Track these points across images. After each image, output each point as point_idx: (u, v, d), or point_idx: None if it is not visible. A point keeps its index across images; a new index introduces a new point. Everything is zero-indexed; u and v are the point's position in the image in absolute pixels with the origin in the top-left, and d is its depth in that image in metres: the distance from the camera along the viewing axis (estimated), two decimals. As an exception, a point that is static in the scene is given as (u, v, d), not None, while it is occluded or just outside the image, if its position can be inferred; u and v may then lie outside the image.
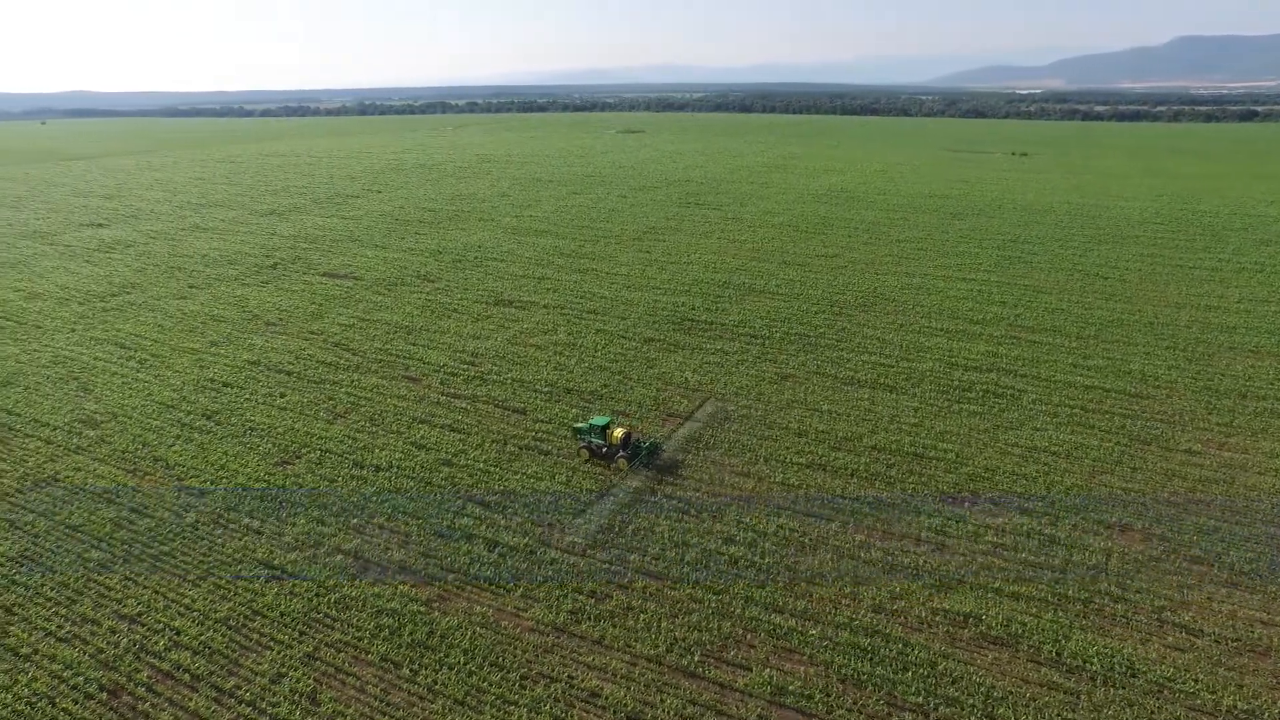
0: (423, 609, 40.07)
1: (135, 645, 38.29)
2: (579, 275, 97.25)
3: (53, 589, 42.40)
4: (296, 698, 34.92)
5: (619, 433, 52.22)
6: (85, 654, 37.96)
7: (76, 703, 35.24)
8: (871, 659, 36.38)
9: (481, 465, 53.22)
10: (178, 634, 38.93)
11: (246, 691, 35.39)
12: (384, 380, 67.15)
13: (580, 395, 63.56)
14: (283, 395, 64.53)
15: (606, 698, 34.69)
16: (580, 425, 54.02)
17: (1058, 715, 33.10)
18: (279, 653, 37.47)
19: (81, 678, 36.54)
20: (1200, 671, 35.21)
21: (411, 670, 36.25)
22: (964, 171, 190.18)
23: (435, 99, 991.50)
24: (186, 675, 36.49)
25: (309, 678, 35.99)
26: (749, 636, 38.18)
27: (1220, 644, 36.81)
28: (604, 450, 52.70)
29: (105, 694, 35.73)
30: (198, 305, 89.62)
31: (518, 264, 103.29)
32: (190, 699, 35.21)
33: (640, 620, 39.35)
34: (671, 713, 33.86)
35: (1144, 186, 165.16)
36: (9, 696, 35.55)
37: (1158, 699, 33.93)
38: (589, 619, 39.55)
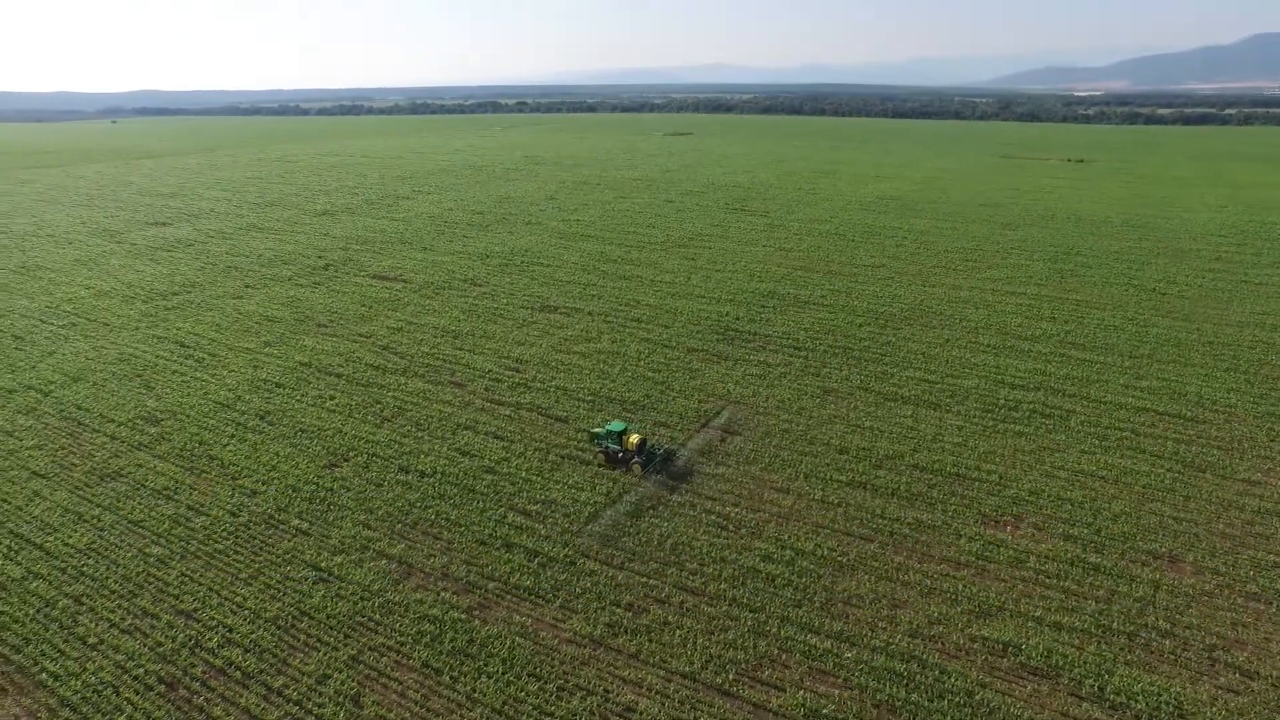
0: (463, 616, 41.00)
1: (191, 640, 39.93)
2: (624, 282, 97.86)
3: (116, 582, 44.39)
4: (341, 699, 36.07)
5: (634, 439, 53.60)
6: (145, 646, 39.72)
7: (138, 694, 36.93)
8: (907, 685, 36.19)
9: (524, 474, 54.08)
10: (230, 631, 40.48)
11: (294, 691, 36.68)
12: (430, 385, 68.56)
13: (622, 405, 64.10)
14: (332, 398, 66.33)
15: (641, 713, 35.14)
16: (597, 430, 55.53)
17: (1098, 752, 32.60)
18: (325, 654, 38.71)
19: (142, 669, 38.29)
20: (1255, 717, 34.26)
21: (452, 677, 37.14)
22: (1017, 178, 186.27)
23: (486, 98, 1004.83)
24: (238, 672, 37.95)
25: (353, 680, 37.14)
26: (784, 656, 38.27)
27: (1278, 688, 35.73)
28: (619, 455, 54.24)
29: (163, 686, 37.38)
30: (253, 305, 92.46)
31: (563, 269, 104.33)
32: (241, 695, 36.62)
33: (676, 636, 39.70)
34: (705, 731, 34.17)
35: (1208, 196, 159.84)
36: (78, 684, 37.42)
37: (1204, 740, 33.18)
38: (626, 633, 40.03)
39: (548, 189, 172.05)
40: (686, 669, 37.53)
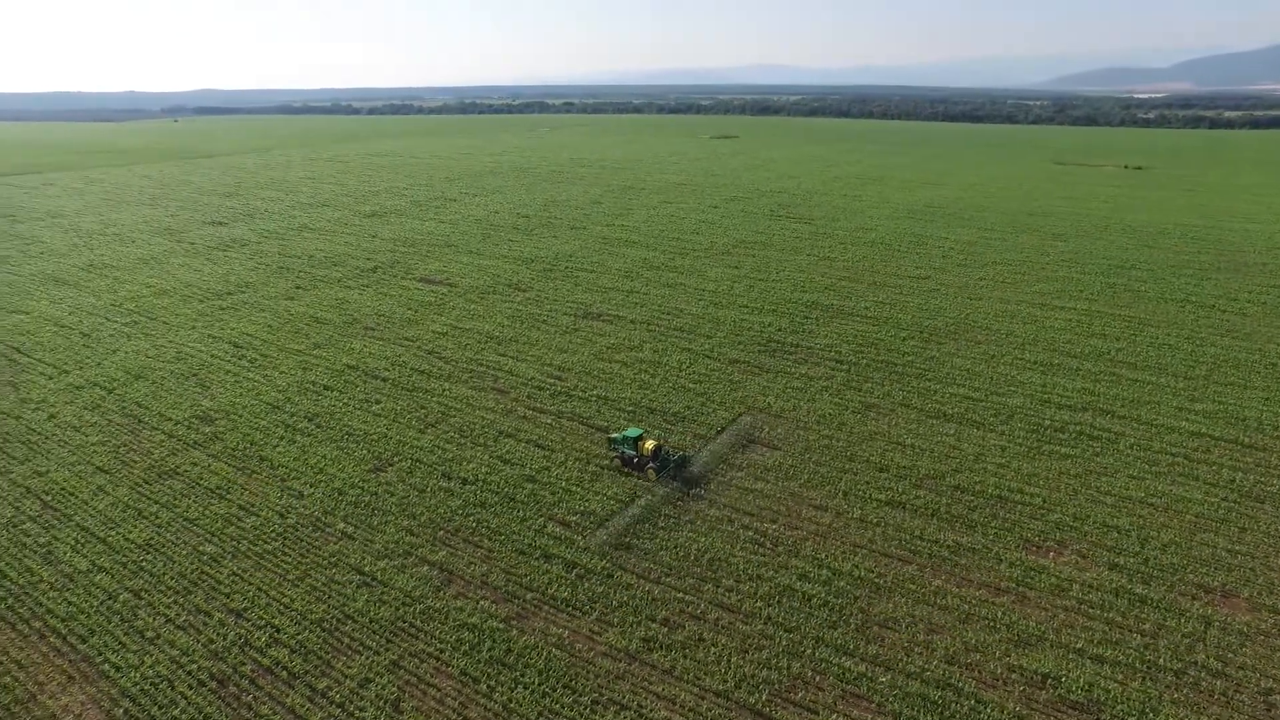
0: (501, 626, 41.76)
1: (241, 639, 41.37)
2: (667, 290, 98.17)
3: (172, 578, 46.17)
4: (381, 704, 37.05)
5: (650, 444, 55.31)
6: (198, 643, 41.28)
7: (191, 689, 38.43)
8: (942, 713, 35.89)
9: (563, 484, 54.74)
10: (277, 631, 41.83)
11: (337, 693, 37.78)
12: (473, 391, 69.71)
13: (663, 416, 64.45)
14: (378, 402, 67.88)
15: (674, 731, 35.41)
16: (615, 436, 57.25)
17: (1140, 793, 31.97)
18: (367, 658, 39.78)
19: (195, 665, 39.83)
20: (1303, 760, 33.29)
21: (489, 686, 37.89)
22: (1070, 186, 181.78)
23: (533, 98, 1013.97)
24: (284, 672, 39.22)
25: (393, 685, 38.12)
26: (818, 679, 38.22)
27: (1328, 731, 34.65)
28: (635, 460, 55.88)
29: (215, 683, 38.83)
30: (303, 306, 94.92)
31: (607, 276, 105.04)
32: (287, 695, 37.85)
33: (711, 653, 39.91)
34: (737, 752, 34.33)
35: (1276, 206, 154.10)
36: (136, 676, 39.11)
37: (1252, 785, 32.31)
38: (661, 648, 40.37)
39: (593, 193, 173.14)
40: (720, 687, 37.72)
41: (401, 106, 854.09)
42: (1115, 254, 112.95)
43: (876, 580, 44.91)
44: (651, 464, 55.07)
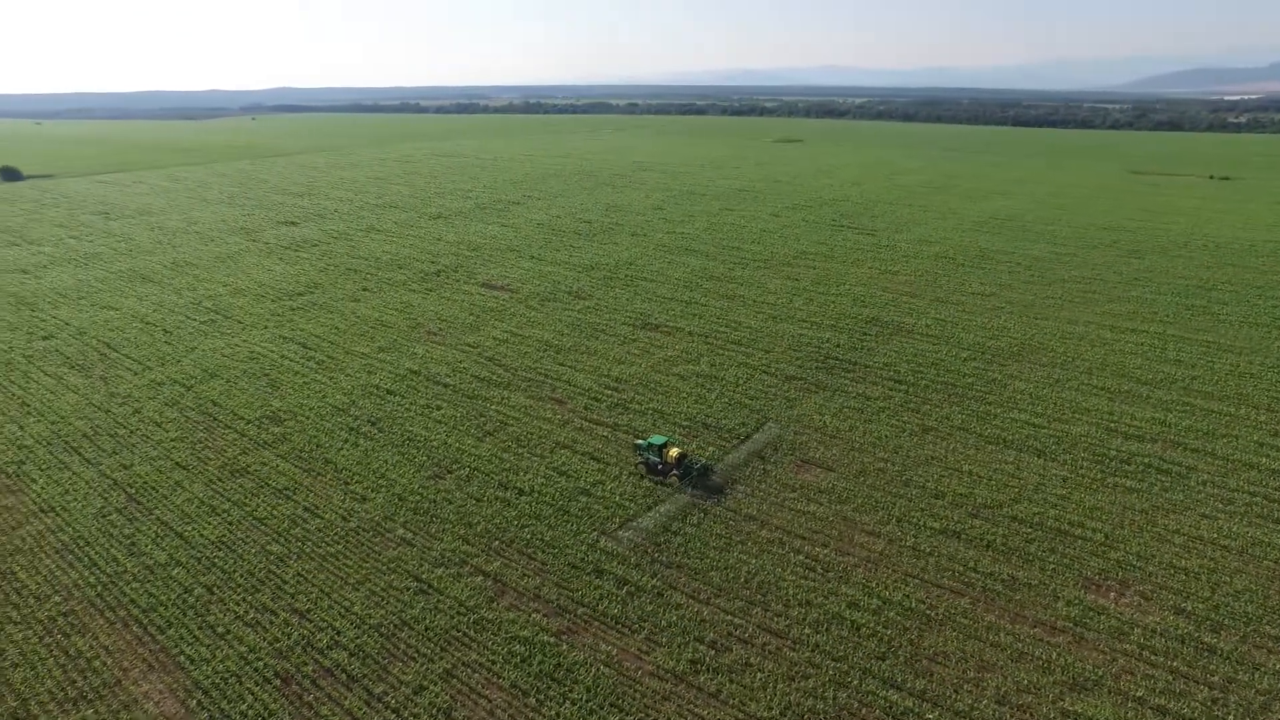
0: (552, 639, 42.58)
1: (304, 639, 43.10)
2: (726, 301, 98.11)
3: (241, 576, 48.32)
4: (434, 712, 38.20)
5: (674, 452, 57.27)
6: (264, 641, 43.15)
7: (258, 685, 40.23)
8: (994, 756, 35.29)
9: (617, 499, 55.39)
10: (338, 634, 43.45)
11: (392, 699, 39.10)
12: (531, 400, 70.95)
13: (717, 433, 64.59)
14: (439, 408, 69.64)
15: (718, 757, 35.65)
16: (640, 442, 59.04)
17: None
18: (422, 666, 41.04)
19: (261, 662, 41.65)
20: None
21: (538, 700, 38.73)
22: (1148, 198, 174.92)
23: (598, 98, 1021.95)
24: (344, 675, 40.75)
25: (446, 694, 39.26)
26: (864, 711, 37.99)
27: None
28: (659, 467, 57.39)
29: (279, 680, 40.55)
30: (369, 309, 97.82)
31: (666, 285, 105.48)
32: (346, 698, 39.34)
33: (757, 679, 40.00)
34: (781, 783, 34.38)
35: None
36: (208, 669, 41.13)
37: None
38: (708, 670, 40.64)
39: (654, 198, 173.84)
40: (765, 714, 37.81)
41: (468, 105, 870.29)
42: (1194, 273, 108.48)
43: (928, 612, 44.33)
44: (675, 471, 56.97)
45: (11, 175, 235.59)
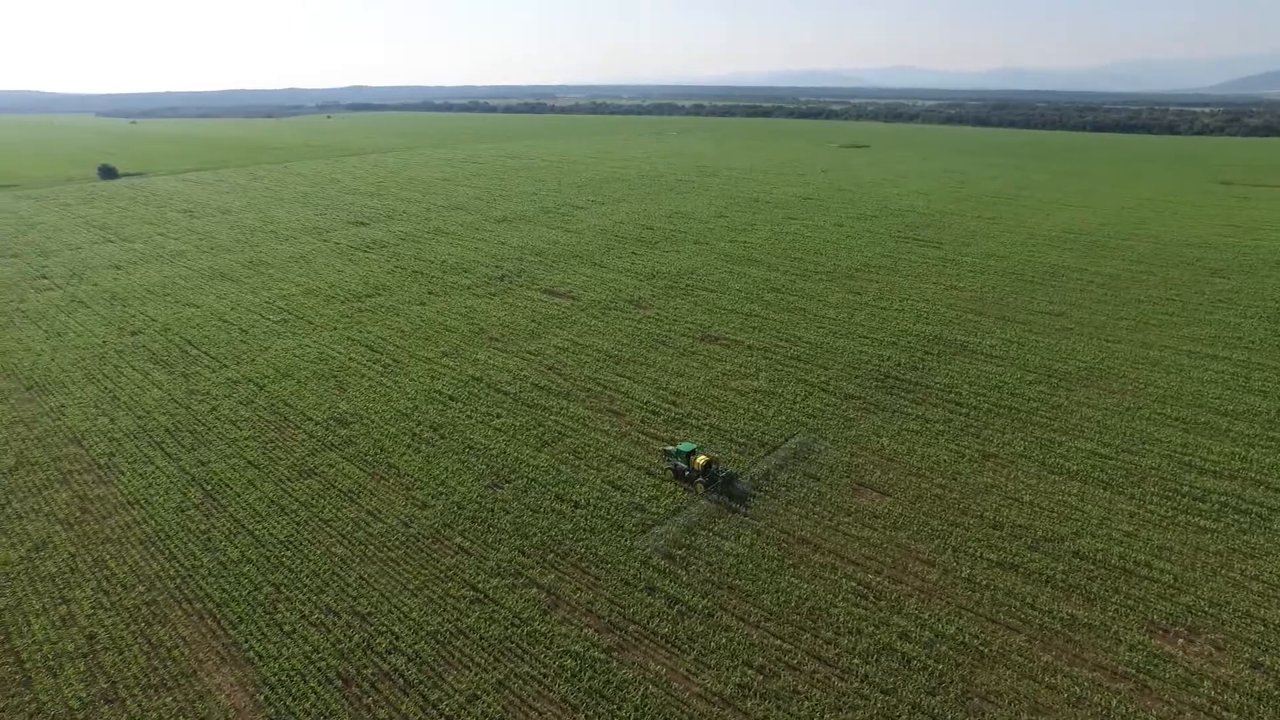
0: (603, 656, 43.26)
1: (364, 642, 44.72)
2: (787, 315, 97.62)
3: (307, 576, 50.35)
4: (488, 722, 39.25)
5: (701, 459, 58.39)
6: (328, 641, 44.92)
7: (320, 685, 41.89)
8: (1048, 804, 34.57)
9: (671, 515, 55.81)
10: (396, 639, 44.95)
11: (447, 706, 40.31)
12: (589, 411, 71.89)
13: (772, 451, 64.41)
14: (498, 416, 71.15)
15: (764, 786, 35.76)
16: (670, 449, 60.39)
17: None
18: (476, 675, 42.19)
19: (324, 663, 43.37)
20: None
21: (587, 717, 39.44)
22: (1237, 211, 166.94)
23: (663, 98, 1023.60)
24: (401, 680, 42.15)
25: (498, 704, 40.29)
26: (916, 748, 37.58)
27: None
28: (686, 473, 58.94)
29: (340, 682, 42.18)
30: (434, 313, 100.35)
31: (727, 296, 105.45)
32: (403, 703, 40.71)
33: (804, 707, 39.94)
34: (827, 817, 34.33)
35: None
36: (275, 666, 43.03)
37: None
38: (755, 696, 40.75)
39: (718, 205, 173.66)
40: (813, 745, 37.75)
41: (535, 105, 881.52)
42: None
43: (981, 648, 43.55)
44: (701, 478, 58.08)
45: (109, 173, 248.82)
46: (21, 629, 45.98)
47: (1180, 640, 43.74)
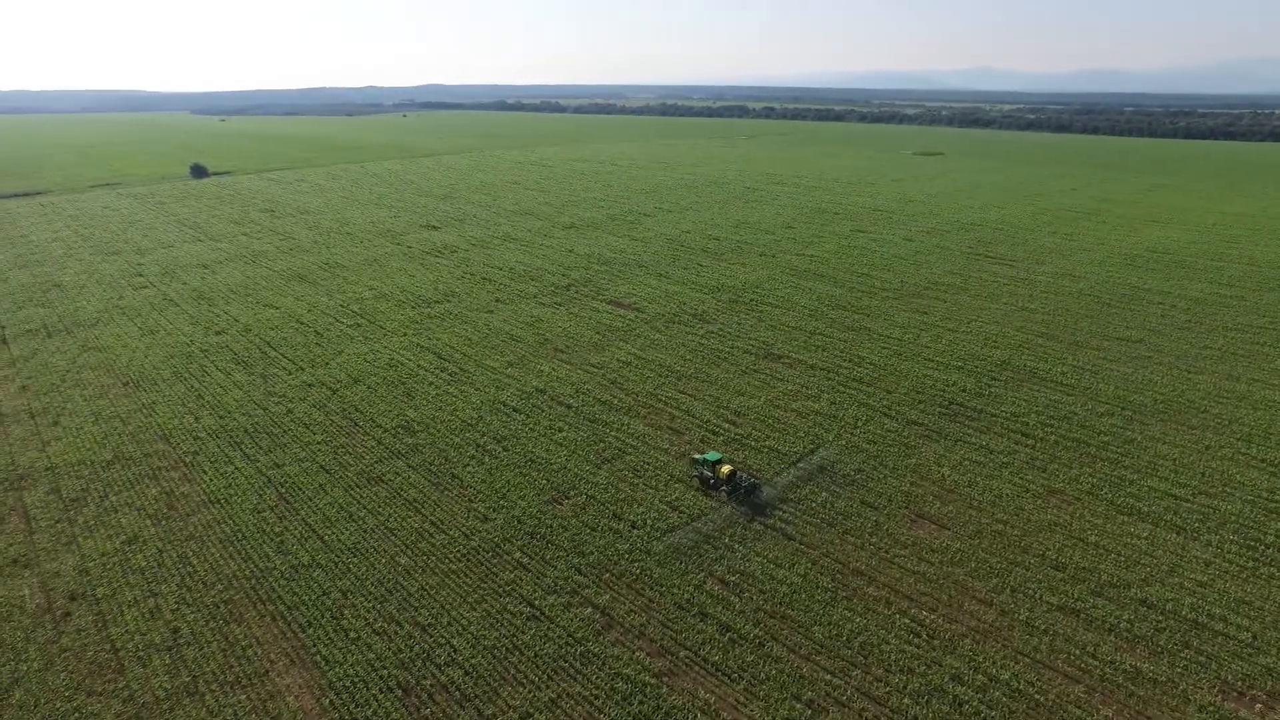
0: (653, 680, 43.97)
1: (424, 653, 46.42)
2: (851, 334, 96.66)
3: (372, 584, 52.46)
4: (540, 740, 40.37)
5: (726, 469, 61.16)
6: (390, 650, 46.79)
7: (382, 692, 43.74)
8: None
9: (727, 540, 56.18)
10: (455, 651, 46.52)
11: (502, 722, 41.59)
12: (650, 429, 72.68)
13: (831, 477, 64.10)
14: (560, 430, 72.55)
15: (809, 826, 35.92)
16: (697, 457, 63.44)
17: None
18: (529, 692, 43.41)
19: (386, 670, 45.22)
20: None
21: (636, 742, 40.21)
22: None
23: (735, 99, 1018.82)
24: (458, 693, 43.65)
25: (551, 724, 41.38)
26: (966, 798, 37.17)
27: None
28: (711, 482, 61.70)
29: (400, 691, 43.92)
30: (500, 321, 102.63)
31: (791, 312, 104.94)
32: (459, 715, 42.15)
33: (854, 747, 39.89)
34: None
35: None
36: (340, 671, 45.08)
37: None
38: (803, 732, 40.85)
39: (785, 215, 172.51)
40: (860, 787, 37.70)
41: (605, 106, 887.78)
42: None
43: (1037, 696, 42.67)
44: (724, 487, 60.59)
45: (200, 173, 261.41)
46: (116, 618, 49.23)
47: (1258, 705, 41.99)
